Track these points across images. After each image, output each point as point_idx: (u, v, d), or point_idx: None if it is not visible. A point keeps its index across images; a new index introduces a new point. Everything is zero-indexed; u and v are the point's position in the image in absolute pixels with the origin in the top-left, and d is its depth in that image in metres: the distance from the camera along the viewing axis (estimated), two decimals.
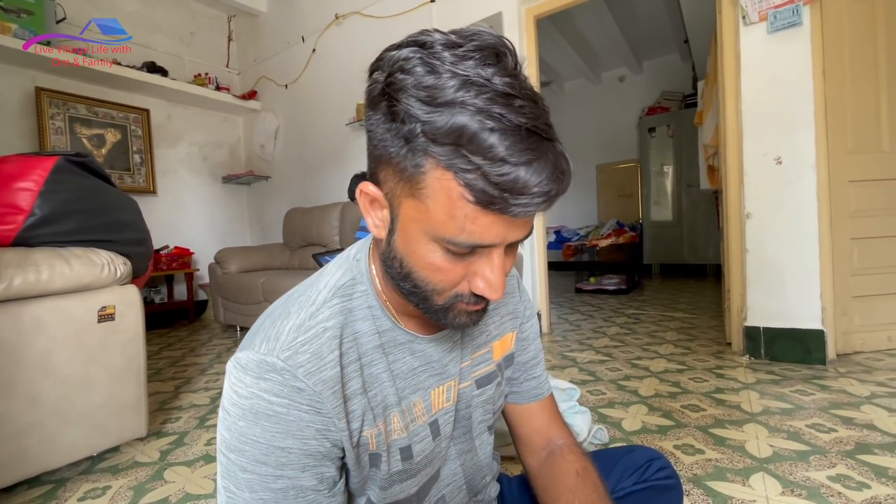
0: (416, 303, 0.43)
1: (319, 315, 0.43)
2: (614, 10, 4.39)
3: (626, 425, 1.37)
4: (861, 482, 1.01)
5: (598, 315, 3.15)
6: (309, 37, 3.73)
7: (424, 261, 0.38)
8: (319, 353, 0.41)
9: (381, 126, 0.36)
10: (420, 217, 0.36)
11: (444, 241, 0.36)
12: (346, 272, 0.48)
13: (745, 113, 1.95)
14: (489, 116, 0.31)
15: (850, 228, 1.92)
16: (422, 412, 0.50)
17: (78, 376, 1.20)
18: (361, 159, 3.41)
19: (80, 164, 1.30)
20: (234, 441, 0.40)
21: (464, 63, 0.33)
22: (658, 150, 5.36)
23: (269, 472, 0.40)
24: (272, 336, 0.41)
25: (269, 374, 0.40)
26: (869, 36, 1.92)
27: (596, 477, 0.56)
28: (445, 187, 0.34)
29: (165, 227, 3.80)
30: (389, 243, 0.41)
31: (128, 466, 1.29)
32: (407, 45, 0.35)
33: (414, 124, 0.33)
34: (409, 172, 0.35)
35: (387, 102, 0.35)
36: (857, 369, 1.76)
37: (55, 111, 3.24)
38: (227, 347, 2.78)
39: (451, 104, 0.32)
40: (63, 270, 1.16)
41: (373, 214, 0.42)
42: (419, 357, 0.50)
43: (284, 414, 0.39)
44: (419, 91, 0.33)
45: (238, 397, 0.40)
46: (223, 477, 0.42)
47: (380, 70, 0.37)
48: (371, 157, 0.40)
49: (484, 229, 0.35)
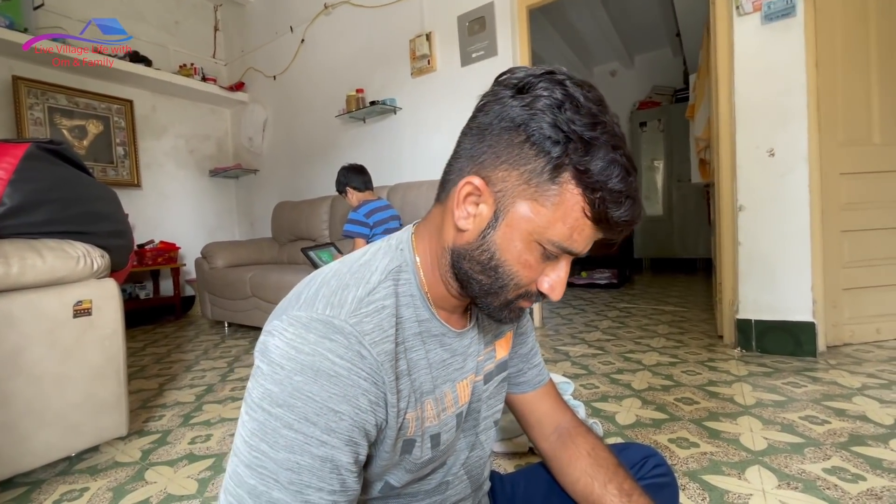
0: (480, 294, 0.46)
1: (377, 293, 0.44)
2: (606, 3, 4.36)
3: (620, 419, 1.36)
4: (857, 474, 1.00)
5: (590, 309, 3.14)
6: (297, 27, 3.65)
7: (521, 257, 0.43)
8: (381, 325, 0.43)
9: (514, 134, 0.41)
10: (534, 218, 0.42)
11: (549, 243, 0.42)
12: (392, 258, 0.48)
13: (738, 105, 1.94)
14: (617, 155, 0.40)
15: (840, 221, 1.92)
16: (451, 402, 0.52)
17: (52, 374, 1.15)
18: (351, 152, 3.36)
19: (54, 152, 1.25)
20: (286, 395, 0.38)
21: (593, 104, 0.40)
22: (649, 145, 5.37)
23: (316, 435, 0.38)
24: (336, 302, 0.42)
25: (335, 335, 0.40)
26: (861, 28, 1.91)
27: (606, 453, 0.60)
28: (573, 200, 0.41)
29: (150, 222, 3.72)
30: (483, 236, 0.44)
31: (107, 467, 1.25)
32: (542, 74, 0.42)
33: (557, 147, 0.40)
34: (542, 180, 0.41)
35: (530, 118, 0.41)
36: (848, 361, 1.76)
37: (34, 101, 3.14)
38: (215, 343, 2.73)
39: (590, 138, 0.39)
40: (35, 263, 1.11)
41: (464, 207, 0.45)
42: (448, 350, 0.52)
43: (345, 377, 0.39)
44: (562, 117, 0.40)
45: (297, 353, 0.39)
46: (255, 435, 0.39)
47: (511, 89, 0.42)
48: (484, 154, 0.43)
49: (583, 239, 0.43)
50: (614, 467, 0.58)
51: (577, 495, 0.59)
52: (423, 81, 2.93)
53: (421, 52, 2.86)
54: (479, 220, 0.44)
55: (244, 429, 0.40)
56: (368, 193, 2.37)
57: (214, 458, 1.26)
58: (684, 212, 5.14)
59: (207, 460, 1.25)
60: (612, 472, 0.57)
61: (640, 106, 5.48)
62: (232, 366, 2.21)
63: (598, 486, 0.57)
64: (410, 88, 3.01)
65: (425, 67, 2.88)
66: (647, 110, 5.38)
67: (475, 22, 2.66)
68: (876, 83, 1.93)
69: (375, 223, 2.23)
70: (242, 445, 0.39)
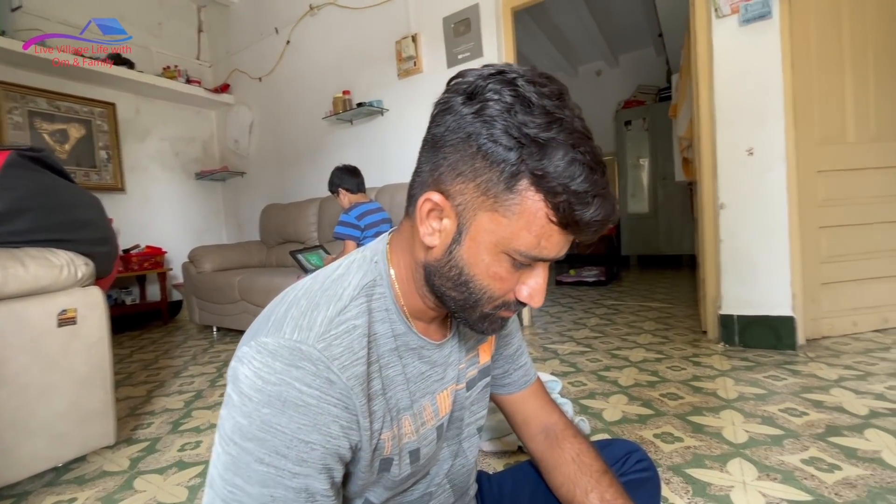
0: (457, 309, 0.45)
1: (348, 312, 0.43)
2: (590, 3, 4.41)
3: (607, 415, 1.38)
4: (832, 464, 1.04)
5: (579, 307, 3.18)
6: (283, 28, 3.63)
7: (489, 270, 0.42)
8: (351, 347, 0.42)
9: (467, 145, 0.40)
10: (496, 229, 0.40)
11: (517, 253, 0.40)
12: (366, 273, 0.47)
13: (717, 105, 1.98)
14: (577, 154, 0.38)
15: (817, 217, 1.97)
16: (431, 416, 0.51)
17: (37, 384, 1.14)
18: (338, 153, 3.35)
19: (35, 160, 1.23)
20: (255, 429, 0.37)
21: (548, 101, 0.38)
22: (634, 144, 5.44)
23: (288, 468, 0.37)
24: (304, 325, 0.40)
25: (301, 363, 0.38)
26: (834, 29, 1.97)
27: (591, 459, 0.59)
28: (535, 207, 0.39)
29: (136, 226, 3.67)
30: (450, 252, 0.43)
31: (95, 476, 1.24)
32: (491, 76, 0.40)
33: (511, 153, 0.38)
34: (499, 190, 0.39)
35: (481, 127, 0.39)
36: (826, 354, 1.82)
37: (13, 105, 3.08)
38: (203, 348, 2.71)
39: (545, 140, 0.37)
40: (17, 272, 1.10)
41: (428, 223, 0.43)
42: (427, 362, 0.51)
43: (314, 405, 0.38)
44: (513, 121, 0.38)
45: (264, 383, 0.38)
46: (228, 470, 0.38)
47: (462, 95, 0.40)
48: (440, 168, 0.42)
49: (553, 246, 0.41)
50: (598, 475, 0.57)
51: (561, 499, 0.60)
52: (410, 83, 2.94)
53: (407, 53, 2.86)
54: (444, 235, 0.43)
55: (219, 461, 0.39)
56: (361, 196, 2.37)
57: (204, 465, 1.26)
58: (670, 209, 5.22)
59: (197, 467, 1.25)
60: (595, 481, 0.56)
61: (624, 105, 5.55)
62: (221, 371, 2.20)
63: (579, 493, 0.57)
64: (397, 90, 3.01)
65: (412, 69, 2.89)
66: (632, 109, 5.45)
67: (461, 23, 2.68)
68: (849, 83, 1.99)
69: (367, 226, 2.23)
70: (218, 479, 0.39)
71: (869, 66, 2.00)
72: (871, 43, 2.00)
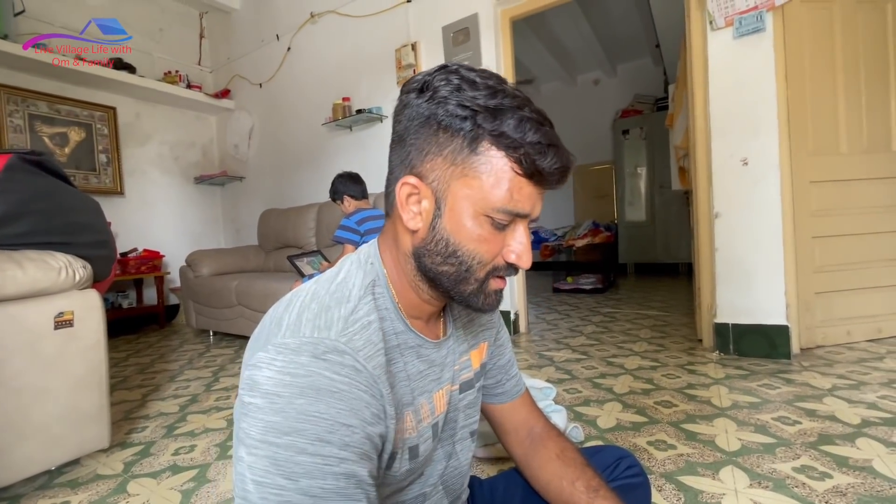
0: (451, 285, 0.47)
1: (359, 311, 0.45)
2: (589, 13, 4.47)
3: (601, 423, 1.39)
4: (824, 472, 1.04)
5: (575, 314, 3.19)
6: (283, 35, 3.66)
7: (473, 234, 0.44)
8: (371, 340, 0.43)
9: (428, 126, 0.44)
10: (471, 193, 0.43)
11: (494, 211, 0.43)
12: (366, 273, 0.49)
13: (712, 115, 2.01)
14: (525, 113, 0.42)
15: (811, 227, 1.99)
16: (427, 413, 0.52)
17: (33, 386, 1.14)
18: (337, 159, 3.37)
19: (35, 163, 1.24)
20: (292, 422, 0.36)
21: (489, 80, 0.43)
22: (632, 152, 5.48)
23: (334, 454, 0.37)
24: (322, 325, 0.41)
25: (327, 355, 0.39)
26: (827, 42, 2.00)
27: (574, 454, 0.62)
28: (499, 164, 0.42)
29: (134, 230, 3.67)
30: (433, 228, 0.45)
31: (88, 480, 1.23)
32: (436, 71, 0.45)
33: (467, 122, 0.42)
34: (465, 156, 0.43)
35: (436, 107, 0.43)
36: (820, 363, 1.83)
37: (13, 108, 3.09)
38: (199, 352, 2.70)
39: (494, 106, 0.42)
40: (16, 275, 1.10)
41: (409, 208, 0.46)
42: (425, 361, 0.52)
43: (347, 391, 0.39)
44: (463, 96, 0.42)
45: (292, 378, 0.38)
46: (267, 473, 0.36)
47: (414, 92, 0.45)
48: (410, 155, 0.46)
49: (525, 198, 0.44)
50: (582, 466, 0.60)
51: (551, 496, 0.61)
52: None
53: (407, 61, 2.89)
54: (426, 214, 0.46)
55: (252, 470, 0.36)
56: (363, 202, 2.39)
57: (198, 469, 1.26)
58: (667, 217, 5.25)
59: (191, 471, 1.25)
60: (580, 471, 0.60)
61: (622, 114, 5.59)
62: (217, 375, 2.20)
63: (566, 484, 0.59)
64: (396, 97, 3.01)
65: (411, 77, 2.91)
66: (630, 118, 5.49)
67: (460, 32, 2.71)
68: (842, 95, 2.02)
69: (367, 231, 2.25)
70: (254, 488, 0.36)
71: (861, 78, 2.03)
72: (862, 56, 2.03)
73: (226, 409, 1.71)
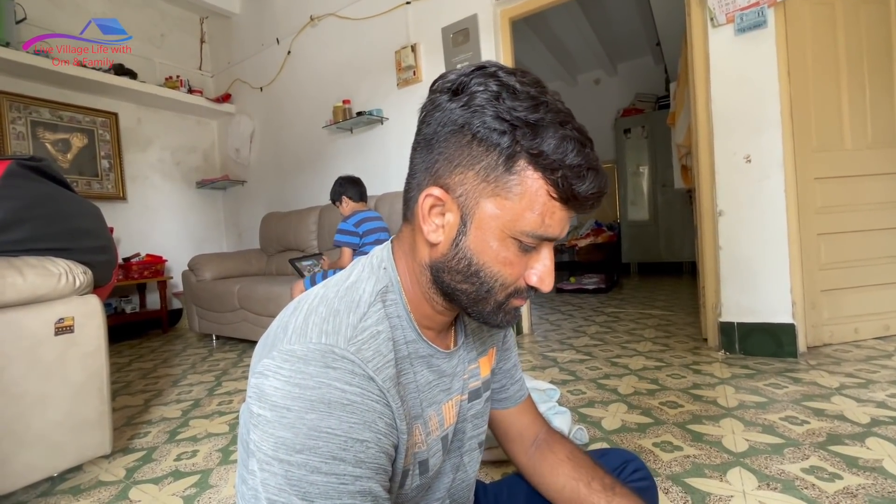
0: (469, 304, 0.45)
1: (369, 319, 0.43)
2: (588, 13, 4.46)
3: (606, 424, 1.37)
4: (833, 473, 1.03)
5: (579, 314, 3.17)
6: (284, 39, 3.67)
7: (498, 256, 0.42)
8: (380, 351, 0.42)
9: (461, 135, 0.41)
10: (501, 214, 0.41)
11: (523, 234, 0.41)
12: (378, 279, 0.47)
13: (715, 113, 1.99)
14: (566, 131, 0.39)
15: (816, 224, 1.97)
16: (436, 426, 0.50)
17: (33, 393, 1.13)
18: (338, 162, 3.37)
19: (35, 169, 1.24)
20: (303, 438, 0.35)
21: (530, 87, 0.40)
22: (633, 151, 5.46)
23: (349, 472, 0.36)
24: (330, 330, 0.40)
25: (337, 363, 0.38)
26: (829, 38, 1.98)
27: (582, 455, 0.62)
28: (535, 185, 0.40)
29: (137, 235, 3.68)
30: (456, 245, 0.43)
31: (90, 486, 1.23)
32: (472, 72, 0.41)
33: (505, 137, 0.39)
34: (499, 173, 0.40)
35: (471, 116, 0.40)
36: (827, 361, 1.80)
37: (16, 115, 3.11)
38: (202, 357, 2.70)
39: (535, 121, 0.39)
40: (16, 281, 1.10)
41: (431, 220, 0.44)
42: (435, 371, 0.50)
43: (359, 403, 0.37)
44: (502, 107, 0.39)
45: (301, 389, 0.36)
46: (282, 491, 0.35)
47: (447, 93, 0.42)
48: (437, 163, 0.43)
49: (556, 223, 0.41)
50: (593, 466, 0.59)
51: (564, 501, 0.59)
52: (409, 92, 2.96)
53: (406, 63, 2.89)
54: (449, 229, 0.43)
55: (265, 489, 0.36)
56: (362, 204, 2.39)
57: (200, 475, 1.25)
58: (670, 216, 5.23)
59: (193, 477, 1.24)
60: (593, 471, 0.59)
61: (623, 113, 5.57)
62: (220, 379, 2.19)
63: (583, 486, 0.57)
64: (396, 99, 3.03)
65: (411, 78, 2.91)
66: (631, 117, 5.47)
67: (459, 33, 2.70)
68: (845, 91, 2.00)
69: (365, 232, 2.25)
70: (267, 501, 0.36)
71: (864, 73, 2.01)
72: (866, 50, 2.01)
73: (228, 414, 1.71)
